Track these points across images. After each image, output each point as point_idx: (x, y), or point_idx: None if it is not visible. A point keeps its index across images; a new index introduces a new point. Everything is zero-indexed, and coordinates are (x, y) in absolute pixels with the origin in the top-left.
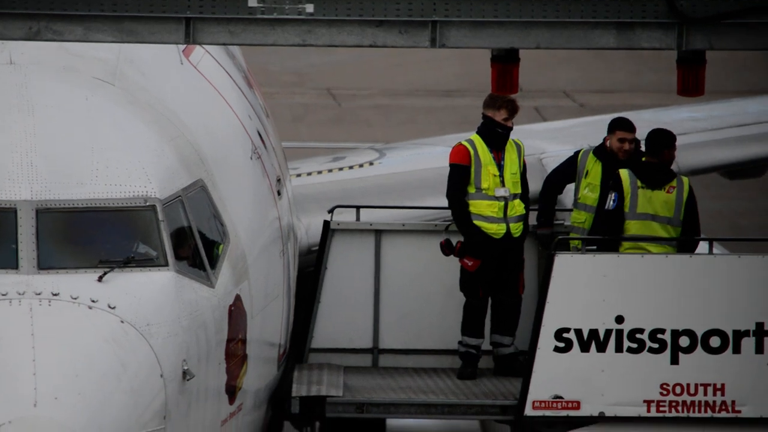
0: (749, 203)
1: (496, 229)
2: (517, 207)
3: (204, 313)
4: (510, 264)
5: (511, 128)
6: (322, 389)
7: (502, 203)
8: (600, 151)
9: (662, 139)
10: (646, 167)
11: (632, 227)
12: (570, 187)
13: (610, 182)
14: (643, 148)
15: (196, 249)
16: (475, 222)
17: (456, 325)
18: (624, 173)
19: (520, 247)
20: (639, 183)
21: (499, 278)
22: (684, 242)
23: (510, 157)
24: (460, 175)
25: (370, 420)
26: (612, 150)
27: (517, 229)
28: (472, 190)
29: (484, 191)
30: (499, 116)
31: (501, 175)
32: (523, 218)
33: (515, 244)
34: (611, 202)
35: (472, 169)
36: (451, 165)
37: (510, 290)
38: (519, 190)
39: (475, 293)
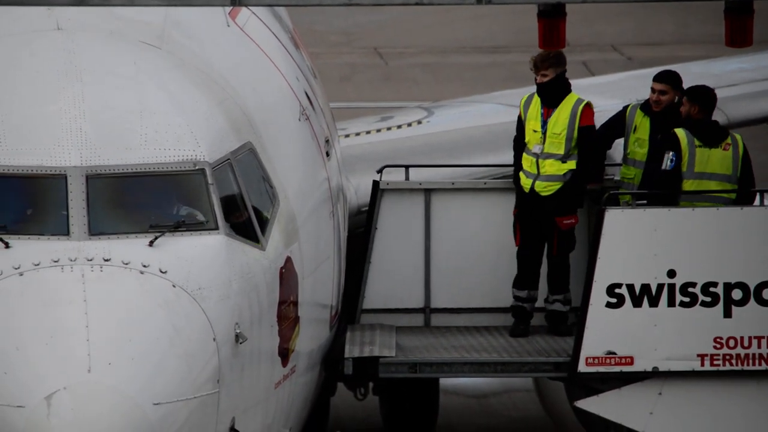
0: None
1: (524, 183)
2: (548, 167)
3: (255, 275)
4: (542, 222)
5: (545, 84)
6: (374, 350)
7: (535, 159)
8: (647, 106)
9: (713, 96)
10: (702, 125)
11: (689, 186)
12: (619, 142)
13: (658, 137)
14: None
15: (246, 212)
16: (520, 173)
17: (507, 283)
18: (681, 132)
19: (555, 207)
20: (696, 142)
21: (541, 235)
22: (740, 198)
23: (559, 116)
24: (517, 125)
25: (423, 379)
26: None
27: (544, 188)
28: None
29: (526, 144)
30: (535, 73)
31: (543, 132)
32: (557, 179)
33: (545, 202)
34: (669, 162)
35: (523, 122)
36: None
37: (548, 249)
38: (558, 151)
39: (516, 241)
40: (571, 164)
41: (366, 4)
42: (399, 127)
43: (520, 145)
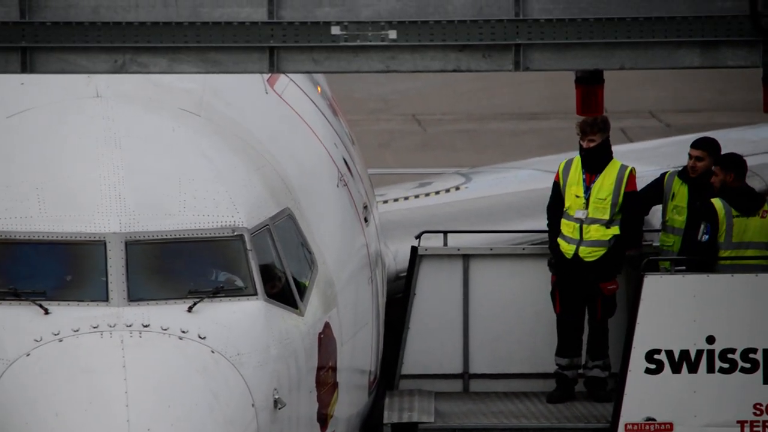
0: None
1: (566, 249)
2: (594, 232)
3: (294, 341)
4: (585, 287)
5: (591, 149)
6: (413, 416)
7: (578, 225)
8: (685, 173)
9: (745, 163)
10: (740, 194)
11: (727, 254)
12: (658, 208)
13: (696, 204)
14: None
15: (285, 277)
16: (558, 239)
17: (546, 348)
18: (718, 203)
19: (599, 273)
20: (734, 212)
21: (582, 300)
22: None
23: (604, 181)
24: (552, 191)
25: None
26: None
27: (589, 253)
28: (565, 207)
29: (566, 210)
30: (581, 138)
31: (587, 198)
32: (602, 244)
33: (589, 268)
34: (704, 235)
35: (561, 187)
36: None
37: (590, 314)
38: (604, 216)
39: (555, 308)
40: (615, 229)
41: (404, 71)
42: (437, 193)
43: (556, 210)
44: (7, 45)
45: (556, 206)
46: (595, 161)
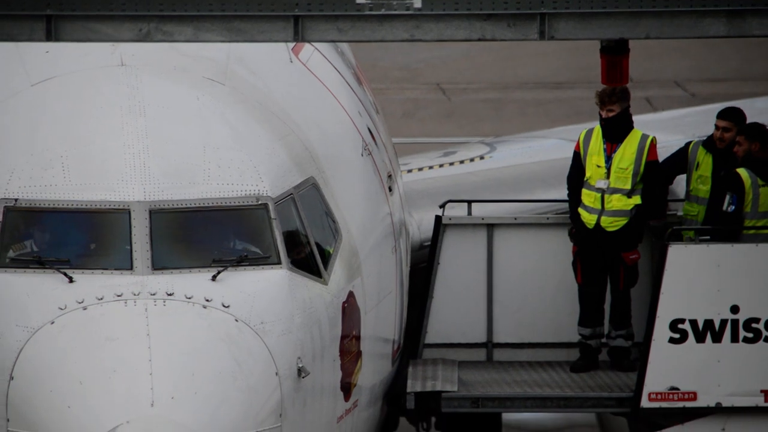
0: None
1: (588, 219)
2: (615, 202)
3: (317, 310)
4: (607, 257)
5: (610, 119)
6: (437, 384)
7: (599, 195)
8: (709, 143)
9: None
10: (764, 163)
11: (752, 224)
12: (681, 177)
13: (721, 173)
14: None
15: (309, 246)
16: (579, 209)
17: (569, 317)
18: (744, 173)
19: (620, 243)
20: (759, 181)
21: (604, 270)
22: None
23: (625, 151)
24: (573, 160)
25: (486, 414)
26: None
27: (610, 223)
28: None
29: (587, 180)
30: (600, 108)
31: (608, 167)
32: (623, 214)
33: (610, 238)
34: (730, 206)
35: (582, 157)
36: None
37: (612, 284)
38: (625, 186)
39: (576, 278)
40: (636, 199)
41: (429, 40)
42: (461, 162)
43: (576, 180)
44: (32, 13)
45: (576, 176)
46: (615, 131)
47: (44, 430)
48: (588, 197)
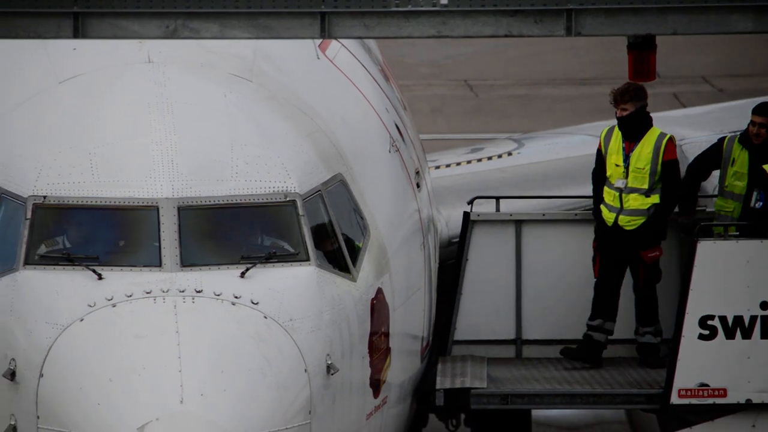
0: None
1: (606, 217)
2: (633, 201)
3: (346, 306)
4: (626, 255)
5: (625, 117)
6: (466, 381)
7: (618, 194)
8: (745, 139)
9: None
10: None
11: None
12: (714, 174)
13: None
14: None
15: (337, 243)
16: (602, 206)
17: None
18: None
19: (639, 241)
20: None
21: (621, 266)
22: None
23: (642, 150)
24: (596, 158)
25: (515, 411)
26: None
27: (628, 222)
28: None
29: (608, 178)
30: (615, 107)
31: (626, 166)
32: (641, 213)
33: (629, 236)
34: (758, 202)
35: (603, 155)
36: None
37: (634, 281)
38: (642, 185)
39: (594, 272)
40: (655, 198)
41: (455, 36)
42: (489, 158)
43: (599, 177)
44: (59, 10)
45: (599, 173)
46: (631, 130)
47: (74, 428)
48: (608, 195)
